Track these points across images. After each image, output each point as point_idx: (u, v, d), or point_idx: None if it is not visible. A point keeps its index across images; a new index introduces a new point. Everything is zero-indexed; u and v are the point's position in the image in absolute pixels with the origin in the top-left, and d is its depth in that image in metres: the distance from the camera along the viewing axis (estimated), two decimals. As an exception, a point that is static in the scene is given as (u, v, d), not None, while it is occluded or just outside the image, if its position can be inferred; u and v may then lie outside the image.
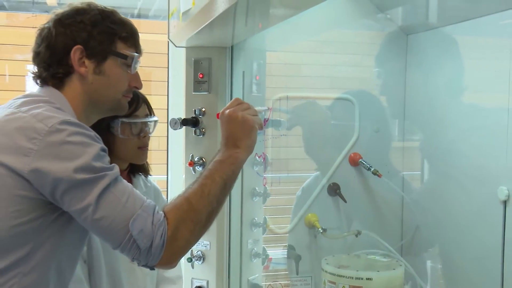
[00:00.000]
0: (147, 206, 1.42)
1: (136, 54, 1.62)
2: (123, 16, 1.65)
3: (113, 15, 1.61)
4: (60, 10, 1.60)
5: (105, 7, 1.62)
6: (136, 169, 2.05)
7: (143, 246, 1.38)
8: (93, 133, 1.45)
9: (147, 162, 2.07)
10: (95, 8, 1.60)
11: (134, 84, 1.64)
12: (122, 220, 1.38)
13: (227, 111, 1.62)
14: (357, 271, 1.82)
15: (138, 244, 1.38)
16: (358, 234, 2.11)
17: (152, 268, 1.47)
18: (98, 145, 1.42)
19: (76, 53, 1.54)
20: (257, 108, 1.70)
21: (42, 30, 1.60)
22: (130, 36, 1.62)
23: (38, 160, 1.37)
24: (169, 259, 1.43)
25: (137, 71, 1.65)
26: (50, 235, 1.45)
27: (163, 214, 1.42)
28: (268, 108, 2.00)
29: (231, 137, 1.60)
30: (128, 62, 1.60)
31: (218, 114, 1.67)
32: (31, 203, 1.40)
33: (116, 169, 1.44)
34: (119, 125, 1.89)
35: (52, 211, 1.43)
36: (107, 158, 1.46)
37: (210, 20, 1.66)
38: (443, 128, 2.06)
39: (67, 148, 1.38)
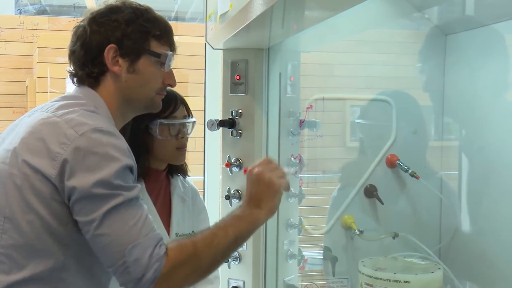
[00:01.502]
0: (151, 237, 1.39)
1: (169, 52, 1.61)
2: (157, 13, 1.64)
3: (147, 13, 1.60)
4: (95, 9, 1.60)
5: (140, 5, 1.61)
6: (174, 169, 2.07)
7: (134, 275, 1.36)
8: (125, 145, 1.44)
9: (185, 162, 2.08)
10: (130, 6, 1.60)
11: (167, 81, 1.64)
12: (122, 243, 1.36)
13: (256, 170, 1.60)
14: (395, 273, 1.81)
15: (130, 272, 1.36)
16: (395, 236, 2.09)
17: None
18: (124, 161, 1.41)
19: (109, 52, 1.54)
20: (285, 170, 1.68)
21: (77, 28, 1.60)
22: (164, 34, 1.62)
23: (64, 165, 1.37)
24: None
25: (171, 69, 1.65)
26: (81, 240, 1.43)
27: (164, 250, 1.40)
28: (296, 172, 2.00)
29: (255, 197, 1.57)
30: (161, 60, 1.60)
31: (245, 170, 1.67)
32: (61, 209, 1.41)
33: (135, 191, 1.42)
34: (158, 126, 1.91)
35: None
36: (130, 177, 1.44)
37: (247, 23, 1.67)
38: (484, 128, 2.03)
39: (92, 159, 1.37)
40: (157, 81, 1.62)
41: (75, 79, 1.61)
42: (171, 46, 1.64)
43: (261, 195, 1.57)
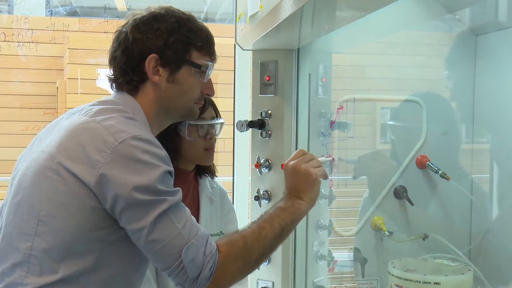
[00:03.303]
0: (201, 236, 1.43)
1: (210, 63, 1.62)
2: (200, 22, 1.65)
3: (190, 22, 1.61)
4: (138, 15, 1.60)
5: (183, 13, 1.62)
6: (202, 170, 2.09)
7: (191, 275, 1.41)
8: (163, 152, 1.46)
9: (213, 163, 2.10)
10: (173, 15, 1.60)
11: (206, 91, 1.65)
12: (176, 246, 1.39)
13: (291, 163, 1.64)
14: (425, 275, 1.80)
15: (187, 272, 1.40)
16: (425, 237, 2.08)
17: None
18: (164, 167, 1.42)
19: (151, 62, 1.55)
20: (320, 159, 1.71)
21: (119, 33, 1.61)
22: (205, 45, 1.62)
23: (104, 173, 1.38)
24: None
25: (210, 78, 1.66)
26: (117, 245, 1.46)
27: (215, 247, 1.44)
28: (333, 159, 2.02)
29: (294, 189, 1.62)
30: (201, 71, 1.61)
31: (282, 165, 1.70)
32: (97, 213, 1.42)
33: (178, 195, 1.45)
34: (186, 128, 1.93)
35: (117, 222, 1.44)
36: (171, 181, 1.46)
37: (277, 23, 1.68)
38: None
39: (133, 166, 1.39)
40: (196, 91, 1.63)
41: (113, 85, 1.62)
42: (212, 56, 1.65)
43: (299, 187, 1.61)
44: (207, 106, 1.99)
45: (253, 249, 1.48)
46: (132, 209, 1.39)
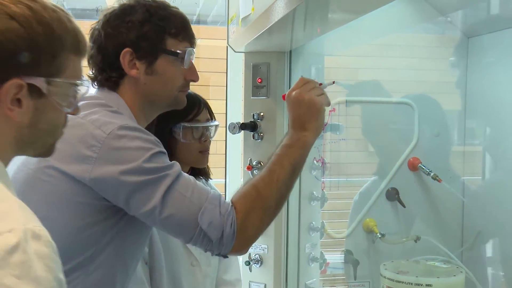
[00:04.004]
0: (212, 197, 1.42)
1: (188, 48, 1.58)
2: (173, 8, 1.60)
3: (162, 10, 1.57)
4: (109, 9, 1.58)
5: (154, 1, 1.58)
6: (197, 173, 2.08)
7: (214, 237, 1.40)
8: (152, 137, 1.46)
9: (208, 166, 2.09)
10: (143, 5, 1.56)
11: (189, 77, 1.61)
12: (191, 214, 1.39)
13: (294, 93, 1.59)
14: (417, 277, 1.80)
15: (209, 236, 1.39)
16: (417, 239, 2.08)
17: (225, 256, 1.48)
18: (156, 149, 1.42)
19: (125, 56, 1.53)
20: (323, 85, 1.66)
21: (93, 31, 1.58)
22: (181, 31, 1.58)
23: (98, 167, 1.38)
24: (241, 246, 1.44)
25: (192, 64, 1.61)
26: (113, 237, 1.46)
27: (230, 204, 1.43)
28: (333, 82, 1.94)
29: (299, 119, 1.57)
30: (181, 58, 1.57)
31: (284, 96, 1.64)
32: (92, 209, 1.42)
33: (177, 166, 1.45)
34: (181, 130, 1.92)
35: (113, 214, 1.44)
36: (165, 158, 1.45)
37: (269, 26, 1.68)
38: (506, 132, 2.02)
39: (126, 154, 1.39)
40: (178, 79, 1.60)
41: (94, 83, 1.60)
42: (190, 40, 1.61)
43: (304, 117, 1.57)
44: (202, 108, 1.98)
45: (268, 195, 1.45)
46: (138, 193, 1.38)
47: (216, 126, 2.02)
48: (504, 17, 1.97)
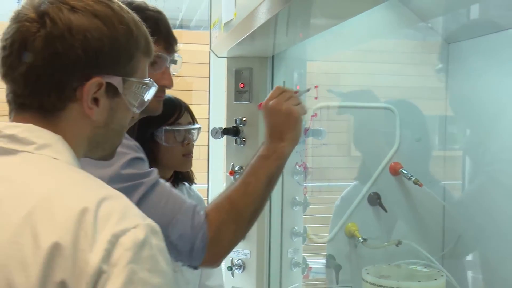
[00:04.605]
0: (186, 209, 1.40)
1: (158, 53, 1.50)
2: (150, 9, 1.53)
3: (138, 12, 1.46)
4: None
5: (129, 3, 1.45)
6: (180, 178, 2.08)
7: (183, 250, 1.37)
8: (132, 142, 1.44)
9: (191, 170, 2.09)
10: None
11: (162, 83, 1.54)
12: (160, 225, 1.38)
13: (270, 102, 1.57)
14: (398, 281, 1.81)
15: (179, 249, 1.37)
16: (398, 244, 2.09)
17: (195, 268, 1.46)
18: (132, 154, 1.40)
19: None
20: (299, 93, 1.65)
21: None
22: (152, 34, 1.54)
23: None
24: (212, 259, 1.42)
25: (166, 68, 1.56)
26: None
27: (204, 216, 1.40)
28: (309, 89, 1.90)
29: (276, 130, 1.55)
30: (154, 62, 1.49)
31: (260, 105, 1.63)
32: None
33: (154, 174, 1.43)
34: (163, 134, 1.92)
35: None
36: (143, 165, 1.44)
37: (252, 31, 1.68)
38: (486, 136, 2.04)
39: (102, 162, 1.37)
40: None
41: None
42: (165, 45, 1.55)
43: (281, 127, 1.55)
44: (183, 112, 1.98)
45: (242, 207, 1.43)
46: None
47: (199, 129, 2.02)
48: (484, 23, 2.00)
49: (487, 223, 2.00)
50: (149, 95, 1.13)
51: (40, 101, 1.00)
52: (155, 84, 1.15)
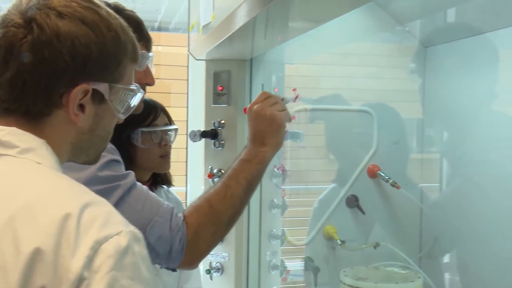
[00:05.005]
0: (164, 211, 1.40)
1: (142, 51, 1.48)
2: (128, 10, 1.53)
3: (116, 12, 1.51)
4: None
5: (107, 4, 1.49)
6: (158, 180, 2.07)
7: (162, 252, 1.38)
8: (108, 145, 1.41)
9: (169, 172, 2.08)
10: None
11: (145, 81, 1.56)
12: (138, 228, 1.37)
13: (255, 107, 1.58)
14: (376, 283, 1.82)
15: (157, 251, 1.37)
16: (376, 246, 2.10)
17: (174, 270, 1.46)
18: (108, 156, 1.40)
19: None
20: (285, 100, 1.66)
21: None
22: (135, 33, 1.54)
23: None
24: (190, 261, 1.42)
25: (147, 67, 1.57)
26: None
27: (182, 218, 1.40)
28: (296, 96, 1.90)
29: (259, 134, 1.56)
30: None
31: (245, 109, 1.64)
32: None
33: (131, 177, 1.43)
34: (140, 135, 1.91)
35: None
36: (119, 167, 1.43)
37: (230, 34, 1.68)
38: (463, 139, 2.06)
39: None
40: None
41: None
42: (146, 44, 1.57)
43: (264, 132, 1.56)
44: (159, 113, 1.98)
45: (221, 210, 1.43)
46: None
47: (175, 130, 2.01)
48: (460, 27, 2.02)
49: (463, 224, 2.02)
50: (135, 101, 1.13)
51: (26, 107, 1.00)
52: (142, 90, 1.15)
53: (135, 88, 1.12)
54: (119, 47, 1.05)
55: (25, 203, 0.89)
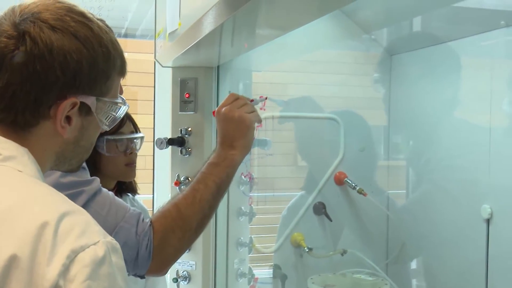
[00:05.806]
0: (130, 216, 1.39)
1: None
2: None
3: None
4: None
5: None
6: (124, 188, 2.04)
7: (128, 258, 1.35)
8: None
9: (134, 181, 2.06)
10: None
11: None
12: None
13: (223, 109, 1.57)
14: (343, 290, 1.83)
15: (123, 257, 1.36)
16: (344, 253, 2.11)
17: (142, 277, 1.43)
18: None
19: None
20: (254, 101, 1.65)
21: None
22: None
23: None
24: (158, 268, 1.40)
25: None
26: None
27: (148, 223, 1.39)
28: (266, 98, 1.90)
29: (227, 137, 1.55)
30: None
31: (214, 112, 1.62)
32: None
33: (95, 183, 1.41)
34: (105, 143, 1.89)
35: None
36: (83, 173, 1.42)
37: (197, 41, 1.67)
38: (428, 145, 2.08)
39: None
40: None
41: None
42: None
43: (233, 134, 1.54)
44: (125, 121, 1.96)
45: (189, 215, 1.42)
46: None
47: (142, 138, 2.00)
48: (424, 36, 2.04)
49: (429, 230, 2.04)
50: (120, 113, 1.13)
51: (13, 117, 1.00)
52: (127, 104, 1.16)
53: (121, 101, 1.13)
54: (108, 62, 1.06)
55: (3, 210, 0.89)
